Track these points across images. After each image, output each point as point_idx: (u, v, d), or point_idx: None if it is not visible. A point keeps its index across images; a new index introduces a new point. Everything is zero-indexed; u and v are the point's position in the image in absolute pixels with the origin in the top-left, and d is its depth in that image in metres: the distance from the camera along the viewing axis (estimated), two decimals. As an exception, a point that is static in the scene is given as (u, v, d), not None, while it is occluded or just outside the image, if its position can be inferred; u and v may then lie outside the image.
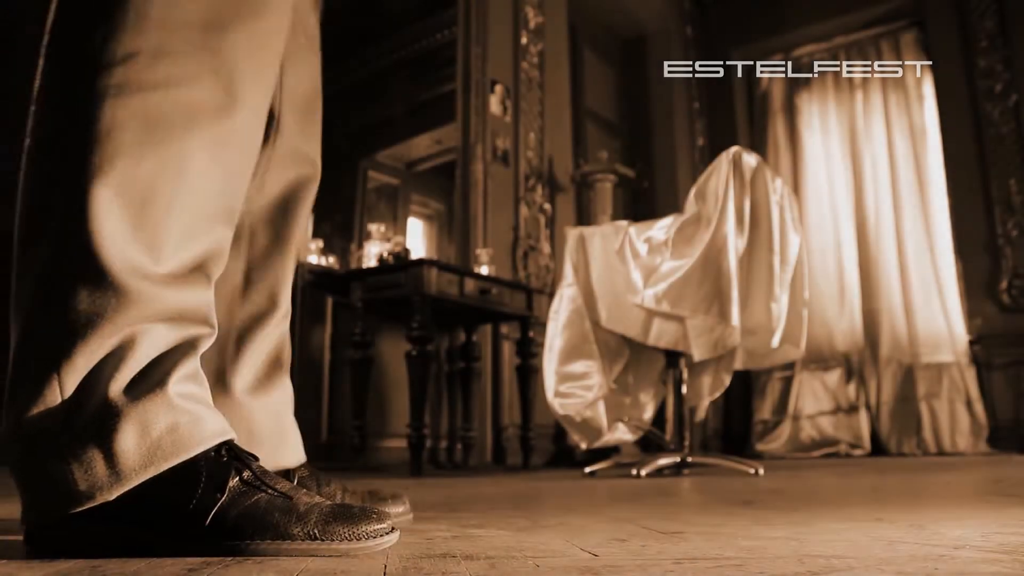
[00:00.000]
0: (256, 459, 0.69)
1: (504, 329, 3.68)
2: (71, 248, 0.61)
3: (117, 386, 0.61)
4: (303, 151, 0.90)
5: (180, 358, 0.65)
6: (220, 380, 0.83)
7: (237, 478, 0.63)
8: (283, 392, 0.88)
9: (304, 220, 0.92)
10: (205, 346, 0.68)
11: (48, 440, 0.60)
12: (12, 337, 0.64)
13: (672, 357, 2.45)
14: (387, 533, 0.63)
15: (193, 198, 0.66)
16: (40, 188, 0.64)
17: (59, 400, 0.60)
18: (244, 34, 0.69)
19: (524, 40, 4.15)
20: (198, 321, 0.67)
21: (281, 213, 0.89)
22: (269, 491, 0.64)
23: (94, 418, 0.60)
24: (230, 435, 0.67)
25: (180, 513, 0.61)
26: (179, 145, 0.64)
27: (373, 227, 3.34)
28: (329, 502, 0.65)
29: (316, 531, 0.61)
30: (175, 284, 0.65)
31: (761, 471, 2.26)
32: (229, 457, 0.65)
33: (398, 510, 0.91)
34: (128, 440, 0.60)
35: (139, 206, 0.63)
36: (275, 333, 0.88)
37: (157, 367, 0.64)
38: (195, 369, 0.68)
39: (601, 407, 2.41)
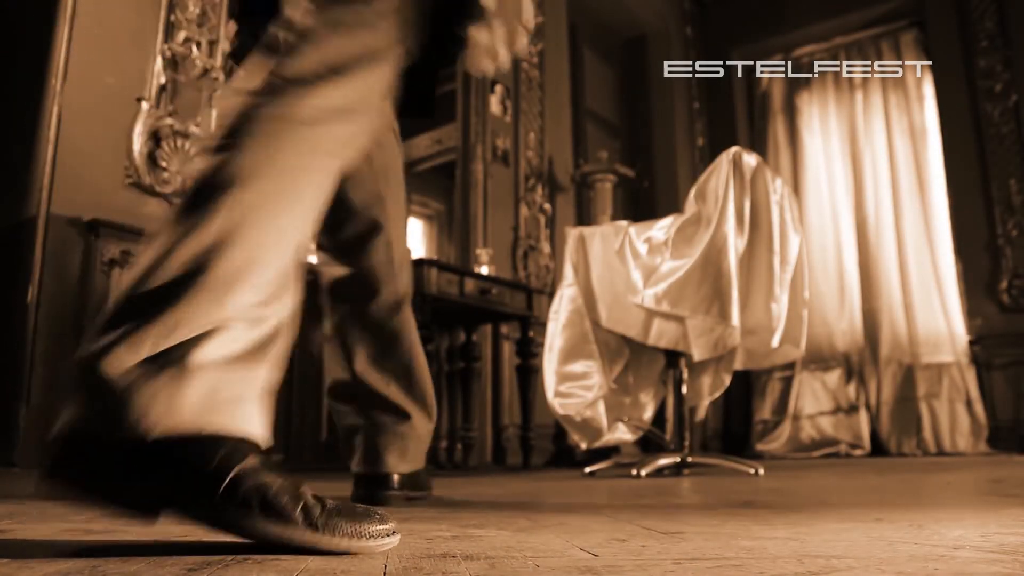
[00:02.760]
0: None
1: (504, 329, 3.68)
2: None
3: (202, 350, 0.63)
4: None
5: (258, 353, 0.68)
6: None
7: (258, 459, 0.65)
8: None
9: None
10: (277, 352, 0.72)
11: (120, 367, 0.61)
12: (124, 284, 0.65)
13: (672, 357, 2.45)
14: (389, 535, 0.64)
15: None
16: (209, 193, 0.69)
17: (145, 350, 0.62)
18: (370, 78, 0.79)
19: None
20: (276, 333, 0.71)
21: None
22: (283, 478, 0.65)
23: (172, 362, 0.62)
24: (267, 441, 0.68)
25: (198, 473, 0.61)
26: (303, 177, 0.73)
27: (373, 227, 3.33)
28: (334, 501, 0.66)
29: (320, 522, 0.62)
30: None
31: (761, 471, 2.26)
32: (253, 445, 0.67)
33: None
34: (194, 394, 0.62)
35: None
36: None
37: (239, 348, 0.66)
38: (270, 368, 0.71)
39: (601, 407, 2.41)
